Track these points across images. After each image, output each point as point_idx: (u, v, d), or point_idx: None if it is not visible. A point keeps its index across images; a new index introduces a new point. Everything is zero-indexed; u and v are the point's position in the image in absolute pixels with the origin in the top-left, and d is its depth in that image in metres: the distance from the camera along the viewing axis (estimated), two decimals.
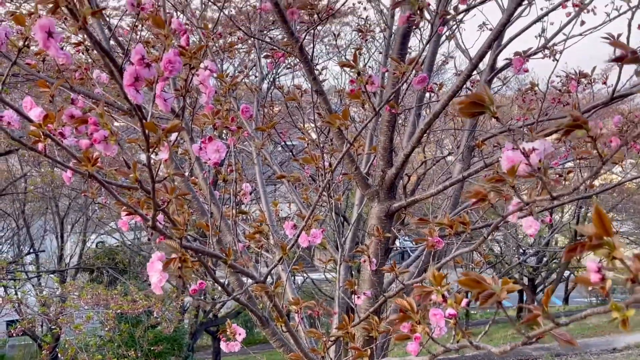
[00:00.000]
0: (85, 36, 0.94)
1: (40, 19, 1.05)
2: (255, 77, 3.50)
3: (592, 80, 2.54)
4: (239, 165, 2.46)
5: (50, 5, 0.98)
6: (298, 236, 1.84)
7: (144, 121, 1.11)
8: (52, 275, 11.07)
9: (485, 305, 0.90)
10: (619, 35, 1.89)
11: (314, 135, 3.47)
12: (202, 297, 8.68)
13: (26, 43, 1.25)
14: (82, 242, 12.57)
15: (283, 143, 5.36)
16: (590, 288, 0.68)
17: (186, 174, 2.56)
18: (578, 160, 2.84)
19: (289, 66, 3.57)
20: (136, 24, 2.68)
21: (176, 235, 1.37)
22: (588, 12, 2.92)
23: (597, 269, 0.66)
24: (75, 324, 6.56)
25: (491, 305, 0.90)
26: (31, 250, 12.00)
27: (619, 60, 0.81)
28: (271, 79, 4.95)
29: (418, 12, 1.46)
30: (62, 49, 1.05)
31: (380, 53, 3.98)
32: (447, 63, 7.31)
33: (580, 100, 2.42)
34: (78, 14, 0.98)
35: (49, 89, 1.53)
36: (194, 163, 2.48)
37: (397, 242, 6.71)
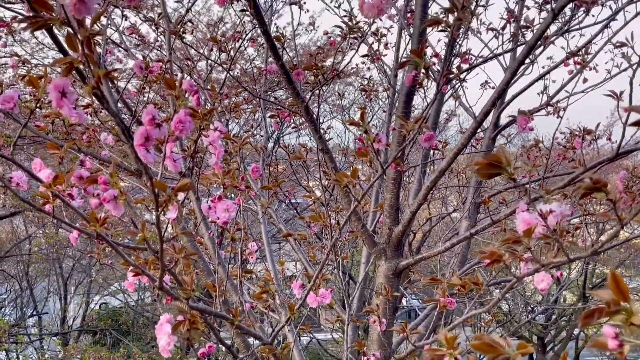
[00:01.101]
0: (95, 98, 0.95)
1: (55, 79, 1.07)
2: (261, 136, 3.53)
3: (596, 137, 2.55)
4: (245, 224, 2.45)
5: (65, 66, 0.99)
6: (306, 296, 1.82)
7: (153, 180, 1.11)
8: (54, 338, 10.91)
9: None
10: (622, 92, 1.91)
11: (318, 193, 3.47)
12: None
13: (38, 105, 1.27)
14: (86, 303, 12.44)
15: (288, 201, 5.36)
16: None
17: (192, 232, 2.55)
18: (584, 217, 2.83)
19: (294, 125, 3.61)
20: (143, 86, 2.73)
21: (183, 295, 1.35)
22: (590, 69, 2.97)
23: (614, 334, 0.65)
24: None
25: None
26: (34, 313, 11.86)
27: (638, 124, 0.82)
28: (276, 138, 5.00)
29: (423, 71, 1.48)
30: (75, 108, 1.06)
31: (385, 112, 4.02)
32: (450, 120, 7.38)
33: (585, 156, 2.43)
34: (93, 74, 0.99)
35: (59, 151, 1.55)
36: (200, 222, 2.48)
37: (404, 301, 6.63)
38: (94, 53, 0.97)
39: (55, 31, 0.92)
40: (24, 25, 0.86)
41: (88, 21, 0.90)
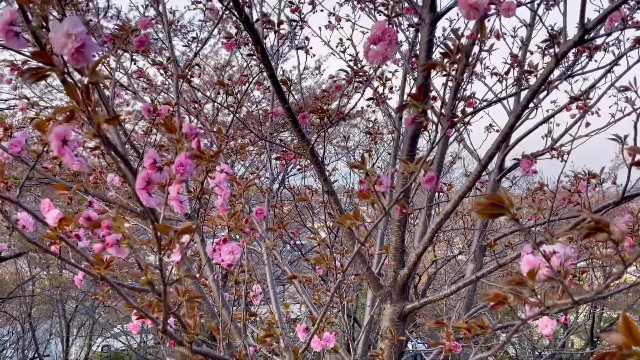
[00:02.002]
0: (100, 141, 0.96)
1: (56, 127, 1.08)
2: (267, 178, 3.54)
3: (601, 181, 2.56)
4: (250, 266, 2.44)
5: (66, 115, 1.00)
6: (310, 339, 1.80)
7: (156, 223, 1.11)
8: None
9: None
10: (626, 136, 1.92)
11: (323, 234, 3.46)
12: None
13: (45, 149, 1.29)
14: (88, 346, 12.32)
15: (293, 243, 5.35)
16: None
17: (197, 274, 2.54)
18: (590, 260, 2.81)
19: (299, 167, 3.63)
20: (150, 128, 2.76)
21: (187, 339, 1.34)
22: (592, 114, 2.99)
23: None
24: None
25: None
26: (36, 355, 11.74)
27: (637, 165, 0.82)
28: (281, 179, 5.02)
29: (422, 114, 1.49)
30: (76, 155, 1.08)
31: (389, 154, 4.04)
32: (455, 163, 7.40)
33: (590, 199, 2.43)
34: (93, 121, 1.01)
35: (68, 192, 1.56)
36: (205, 264, 2.47)
37: (409, 345, 6.55)
38: (92, 101, 0.98)
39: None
40: (26, 75, 0.88)
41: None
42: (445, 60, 1.22)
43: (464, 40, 1.37)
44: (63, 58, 0.83)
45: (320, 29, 3.79)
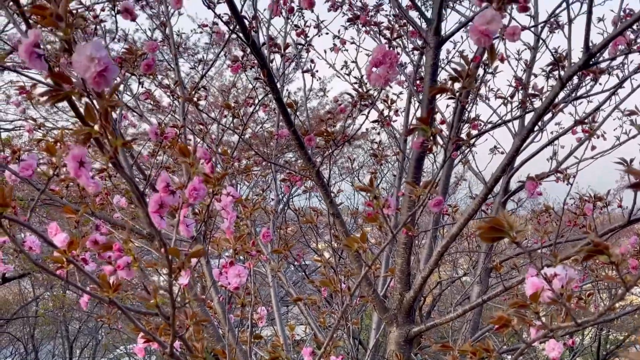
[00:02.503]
0: (110, 164, 0.97)
1: (73, 149, 1.09)
2: (272, 199, 3.55)
3: (607, 204, 2.56)
4: (256, 289, 2.44)
5: (83, 137, 1.02)
6: None
7: (167, 247, 1.12)
8: None
9: None
10: (632, 160, 1.93)
11: (327, 255, 3.47)
12: None
13: (56, 172, 1.30)
14: None
15: (297, 264, 5.34)
16: None
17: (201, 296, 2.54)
18: (596, 282, 2.81)
19: (304, 189, 3.64)
20: (156, 150, 2.77)
21: None
22: (598, 137, 3.00)
23: None
24: None
25: None
26: None
27: (636, 187, 0.83)
28: (285, 200, 5.03)
29: (431, 138, 1.50)
30: (92, 177, 1.09)
31: (394, 175, 4.05)
32: (460, 185, 7.39)
33: (595, 220, 2.42)
34: (110, 144, 1.02)
35: (75, 215, 1.57)
36: (211, 287, 2.47)
37: None
38: (110, 124, 1.00)
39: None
40: (45, 98, 0.89)
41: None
42: (455, 85, 1.23)
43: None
44: (83, 80, 0.84)
45: (325, 51, 3.82)
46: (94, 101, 0.90)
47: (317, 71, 3.36)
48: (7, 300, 11.95)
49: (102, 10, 3.09)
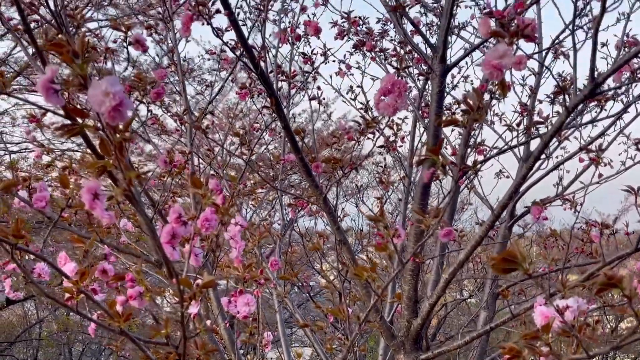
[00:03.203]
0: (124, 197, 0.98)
1: (88, 182, 1.10)
2: (279, 224, 3.56)
3: (614, 231, 2.56)
4: (262, 315, 2.44)
5: (97, 170, 1.03)
6: None
7: (179, 277, 1.12)
8: None
9: None
10: (639, 187, 1.93)
11: (331, 277, 3.46)
12: None
13: (69, 203, 1.31)
14: None
15: (301, 285, 5.31)
16: None
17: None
18: (603, 308, 2.79)
19: (310, 213, 3.64)
20: (164, 175, 2.78)
21: None
22: (605, 165, 2.99)
23: None
24: None
25: None
26: None
27: None
28: (291, 223, 5.04)
29: (441, 169, 1.51)
30: (107, 209, 1.10)
31: (400, 200, 4.05)
32: (466, 210, 7.37)
33: (602, 247, 2.42)
34: (124, 177, 1.03)
35: (83, 245, 1.58)
36: (218, 314, 2.47)
37: None
38: (125, 157, 1.01)
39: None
40: (60, 132, 0.90)
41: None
42: (466, 117, 1.24)
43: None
44: (98, 115, 0.85)
45: (331, 76, 3.84)
46: (108, 133, 0.92)
47: (324, 99, 3.38)
48: (11, 322, 11.92)
49: (114, 42, 3.13)
